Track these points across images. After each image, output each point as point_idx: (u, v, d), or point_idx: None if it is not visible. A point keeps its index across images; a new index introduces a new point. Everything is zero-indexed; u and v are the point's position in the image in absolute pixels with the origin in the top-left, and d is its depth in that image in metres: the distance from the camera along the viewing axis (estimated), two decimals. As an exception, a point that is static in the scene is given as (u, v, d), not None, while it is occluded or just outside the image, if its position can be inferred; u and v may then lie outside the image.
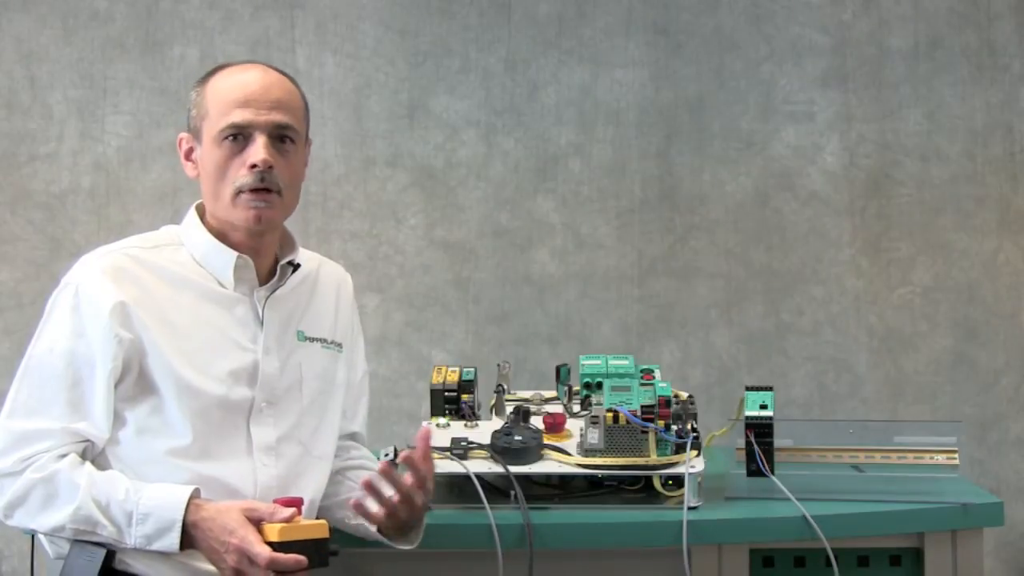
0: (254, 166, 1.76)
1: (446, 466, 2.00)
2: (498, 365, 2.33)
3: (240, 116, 1.77)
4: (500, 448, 2.01)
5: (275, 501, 1.72)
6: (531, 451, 2.01)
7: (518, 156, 3.46)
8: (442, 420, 2.19)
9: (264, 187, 1.77)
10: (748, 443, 2.07)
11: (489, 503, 1.94)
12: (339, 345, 1.94)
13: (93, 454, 1.76)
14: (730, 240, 3.46)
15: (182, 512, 1.67)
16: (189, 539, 1.68)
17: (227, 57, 3.32)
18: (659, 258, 3.45)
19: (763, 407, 2.09)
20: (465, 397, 2.23)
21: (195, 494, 1.70)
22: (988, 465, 3.42)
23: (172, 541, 1.67)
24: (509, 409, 2.21)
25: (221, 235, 1.83)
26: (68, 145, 3.39)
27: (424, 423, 2.08)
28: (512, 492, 1.95)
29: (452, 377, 2.25)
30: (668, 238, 3.46)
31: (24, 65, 3.38)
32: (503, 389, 2.28)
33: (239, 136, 1.77)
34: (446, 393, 2.23)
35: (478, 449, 2.02)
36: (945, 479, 2.09)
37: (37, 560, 2.00)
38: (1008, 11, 3.44)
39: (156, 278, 1.78)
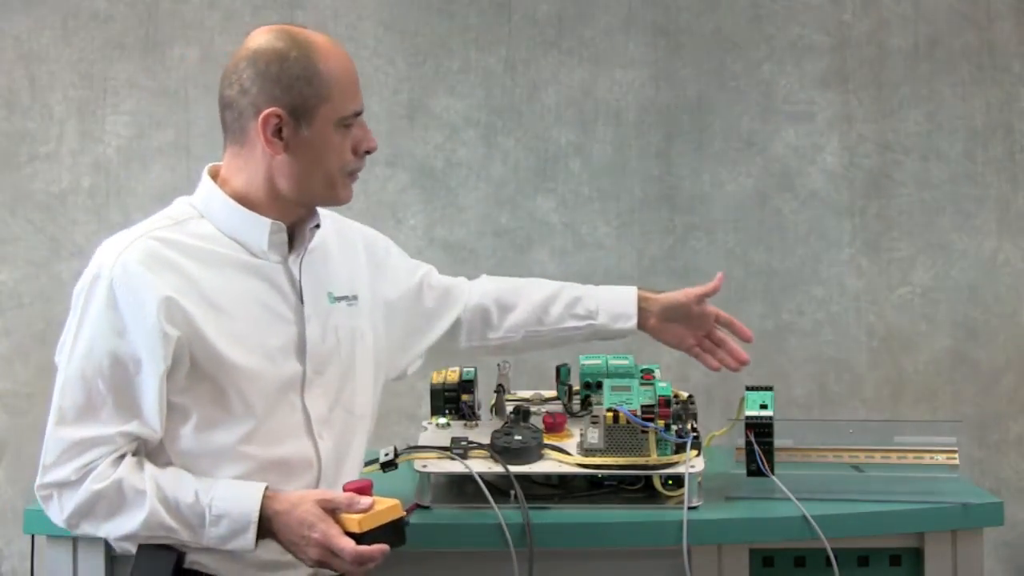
0: (368, 151, 1.78)
1: (447, 466, 2.00)
2: (498, 365, 2.33)
3: (360, 103, 1.77)
4: (500, 448, 2.01)
5: (345, 488, 1.67)
6: (531, 451, 2.01)
7: (518, 156, 3.45)
8: (442, 420, 2.19)
9: None
10: (748, 443, 2.07)
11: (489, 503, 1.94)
12: (355, 297, 1.90)
13: (148, 448, 1.70)
14: (730, 240, 3.46)
15: (257, 513, 1.63)
16: (265, 532, 1.65)
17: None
18: (659, 258, 3.45)
19: (763, 407, 2.09)
20: (465, 397, 2.23)
21: (266, 490, 1.66)
22: (988, 465, 3.42)
23: (248, 541, 1.64)
24: (509, 409, 2.21)
25: (251, 204, 1.75)
26: (68, 145, 3.39)
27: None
28: (512, 492, 1.95)
29: (452, 377, 2.25)
30: (668, 238, 3.45)
31: (24, 65, 3.38)
32: (503, 389, 2.28)
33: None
34: (446, 393, 2.23)
35: (478, 449, 2.02)
36: (945, 479, 2.09)
37: (37, 560, 2.00)
38: (1008, 11, 3.44)
39: (188, 258, 1.69)
